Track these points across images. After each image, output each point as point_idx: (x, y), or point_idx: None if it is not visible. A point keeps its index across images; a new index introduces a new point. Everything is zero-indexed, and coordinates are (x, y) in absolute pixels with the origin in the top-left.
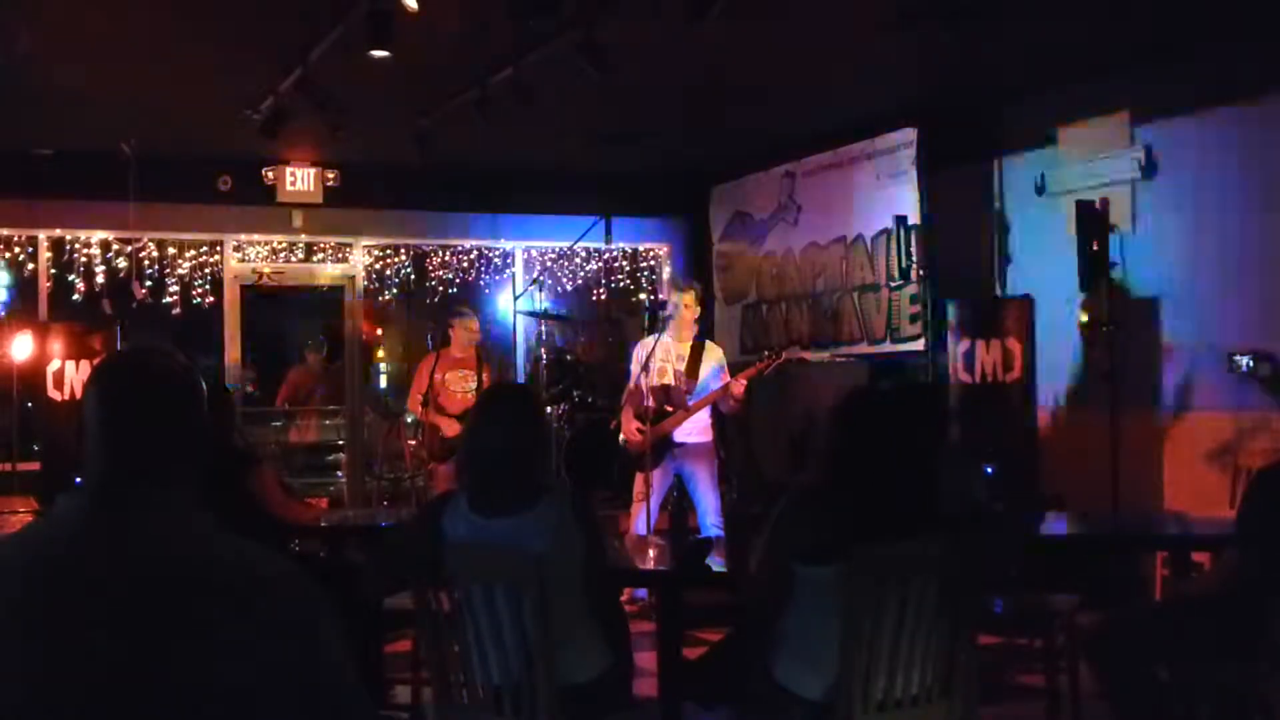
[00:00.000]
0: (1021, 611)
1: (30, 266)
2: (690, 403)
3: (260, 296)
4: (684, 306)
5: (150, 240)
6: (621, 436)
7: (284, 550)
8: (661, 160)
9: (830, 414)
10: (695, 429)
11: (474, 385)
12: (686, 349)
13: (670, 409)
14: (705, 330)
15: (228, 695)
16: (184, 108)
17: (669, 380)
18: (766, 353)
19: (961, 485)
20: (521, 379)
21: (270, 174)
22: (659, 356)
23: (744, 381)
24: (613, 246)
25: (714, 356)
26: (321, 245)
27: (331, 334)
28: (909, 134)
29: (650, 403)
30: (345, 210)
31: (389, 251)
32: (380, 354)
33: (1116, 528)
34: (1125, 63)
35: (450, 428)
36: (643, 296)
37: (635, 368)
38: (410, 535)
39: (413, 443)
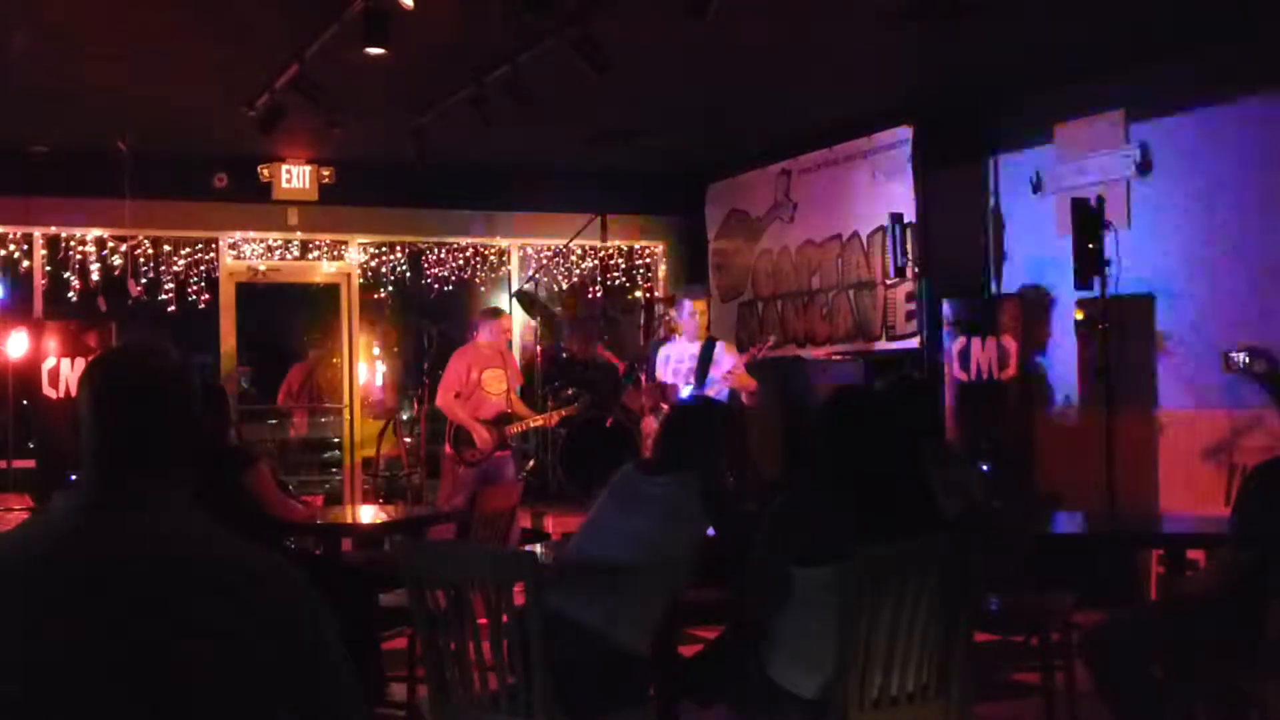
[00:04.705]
0: (1017, 609)
1: (25, 264)
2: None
3: (256, 294)
4: (701, 314)
5: (145, 238)
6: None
7: (279, 548)
8: (658, 158)
9: (820, 413)
10: None
11: (505, 387)
12: (697, 349)
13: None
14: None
15: (223, 692)
16: (180, 105)
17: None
18: (755, 343)
19: (957, 483)
20: None
21: (266, 171)
22: (674, 359)
23: (742, 368)
24: (609, 244)
25: (724, 352)
26: (317, 243)
27: (325, 331)
28: (905, 132)
29: (646, 400)
30: (341, 208)
31: (385, 249)
32: (375, 351)
33: (1112, 525)
34: (1121, 61)
35: (483, 440)
36: (639, 294)
37: (659, 370)
38: None
39: (409, 440)
